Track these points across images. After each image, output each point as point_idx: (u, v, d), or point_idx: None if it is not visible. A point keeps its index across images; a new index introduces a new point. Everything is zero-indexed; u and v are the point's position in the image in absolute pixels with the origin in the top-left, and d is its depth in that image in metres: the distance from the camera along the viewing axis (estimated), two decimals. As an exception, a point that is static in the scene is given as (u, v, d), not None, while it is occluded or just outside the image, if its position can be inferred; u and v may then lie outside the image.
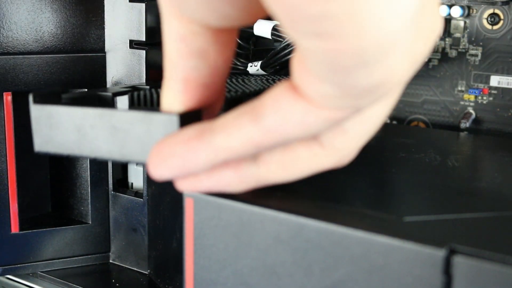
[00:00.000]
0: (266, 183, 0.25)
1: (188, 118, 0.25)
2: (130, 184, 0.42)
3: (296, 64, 0.21)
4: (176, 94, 0.24)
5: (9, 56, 0.37)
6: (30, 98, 0.28)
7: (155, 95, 0.33)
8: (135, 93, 0.33)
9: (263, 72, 0.39)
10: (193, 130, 0.23)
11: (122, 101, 0.34)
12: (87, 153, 0.28)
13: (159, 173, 0.23)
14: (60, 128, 0.28)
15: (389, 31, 0.18)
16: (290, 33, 0.19)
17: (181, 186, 0.25)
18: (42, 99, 0.28)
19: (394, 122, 0.50)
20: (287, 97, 0.21)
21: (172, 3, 0.22)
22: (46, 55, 0.38)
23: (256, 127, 0.21)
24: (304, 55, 0.20)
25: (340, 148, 0.25)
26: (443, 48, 0.47)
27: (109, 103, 0.33)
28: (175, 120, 0.25)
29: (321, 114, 0.21)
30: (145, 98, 0.33)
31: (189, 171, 0.23)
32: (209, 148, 0.22)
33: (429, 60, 0.47)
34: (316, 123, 0.21)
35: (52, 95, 0.29)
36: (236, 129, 0.22)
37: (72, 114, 0.27)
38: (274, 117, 0.21)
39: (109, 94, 0.33)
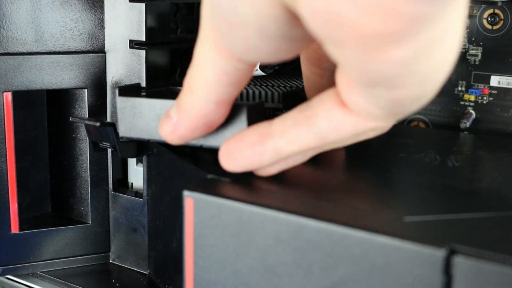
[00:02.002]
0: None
1: (254, 108, 0.30)
2: (130, 184, 0.42)
3: (348, 91, 0.24)
4: (206, 112, 0.27)
5: (9, 56, 0.37)
6: (116, 91, 0.33)
7: None
8: None
9: (261, 73, 0.39)
10: (254, 134, 0.27)
11: None
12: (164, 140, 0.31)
13: (230, 169, 0.28)
14: (142, 117, 0.33)
15: (446, 75, 0.23)
16: (351, 79, 0.22)
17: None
18: (126, 92, 0.33)
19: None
20: (338, 110, 0.25)
21: (218, 43, 0.24)
22: (46, 55, 0.38)
23: (313, 135, 0.26)
24: (361, 93, 0.23)
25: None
26: (443, 48, 0.47)
27: None
28: (244, 110, 0.29)
29: (368, 125, 0.25)
30: None
31: (254, 168, 0.28)
32: (273, 152, 0.26)
33: (429, 60, 0.47)
34: (364, 132, 0.25)
35: (134, 89, 0.35)
36: (295, 137, 0.26)
37: (153, 105, 0.32)
38: (328, 128, 0.25)
39: (181, 88, 0.35)
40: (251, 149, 0.27)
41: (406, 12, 0.19)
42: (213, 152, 0.35)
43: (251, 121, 0.30)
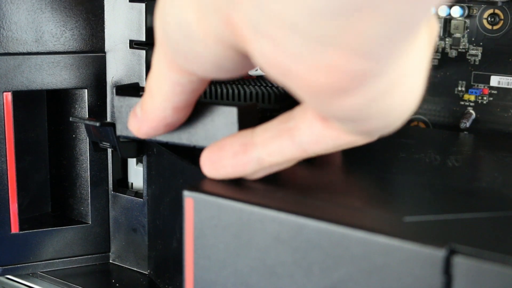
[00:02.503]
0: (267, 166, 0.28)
1: (246, 110, 0.30)
2: (130, 184, 0.42)
3: (320, 117, 0.25)
4: (164, 116, 0.29)
5: (9, 56, 0.37)
6: (114, 90, 0.34)
7: (219, 90, 0.37)
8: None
9: (262, 73, 0.39)
10: (237, 143, 0.27)
11: None
12: (159, 138, 0.32)
13: (212, 177, 0.28)
14: None
15: (412, 108, 0.24)
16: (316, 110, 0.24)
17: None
18: (124, 92, 0.34)
19: (394, 122, 0.50)
20: (319, 124, 0.25)
21: (172, 60, 0.25)
22: (46, 55, 0.38)
23: (295, 147, 0.26)
24: (330, 120, 0.25)
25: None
26: (443, 48, 0.47)
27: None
28: (235, 111, 0.30)
29: (349, 139, 0.26)
30: (210, 92, 0.37)
31: (237, 177, 0.28)
32: (255, 162, 0.27)
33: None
34: (346, 144, 0.26)
35: (132, 89, 0.36)
36: (278, 148, 0.26)
37: None
38: (310, 140, 0.26)
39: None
40: (233, 159, 0.27)
41: (350, 69, 0.20)
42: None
43: (242, 123, 0.30)
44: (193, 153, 0.34)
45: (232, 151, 0.27)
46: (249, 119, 0.31)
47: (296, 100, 0.29)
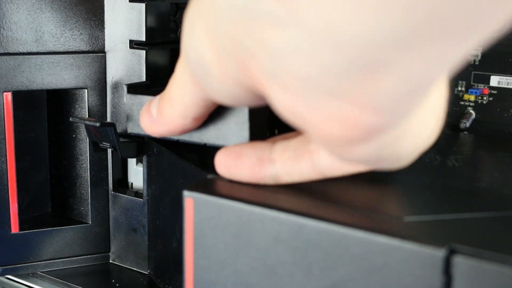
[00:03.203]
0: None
1: (256, 110, 0.31)
2: (130, 184, 0.42)
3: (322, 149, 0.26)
4: (183, 124, 0.30)
5: (9, 56, 0.37)
6: (125, 88, 0.35)
7: None
8: None
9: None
10: (255, 157, 0.28)
11: None
12: (170, 136, 0.32)
13: (226, 178, 0.28)
14: None
15: (423, 148, 0.25)
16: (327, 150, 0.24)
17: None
18: (135, 90, 0.35)
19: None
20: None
21: (197, 81, 0.26)
22: (46, 55, 0.38)
23: (314, 171, 0.27)
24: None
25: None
26: (443, 48, 0.47)
27: None
28: (246, 110, 0.30)
29: (366, 167, 0.27)
30: None
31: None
32: (271, 178, 0.27)
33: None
34: (363, 170, 0.27)
35: (143, 87, 0.37)
36: (297, 170, 0.27)
37: None
38: (329, 166, 0.27)
39: None
40: (250, 172, 0.28)
41: (363, 123, 0.20)
42: (216, 150, 0.35)
43: (253, 122, 0.31)
44: (193, 153, 0.35)
45: (250, 163, 0.28)
46: (259, 118, 0.32)
47: None
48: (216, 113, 0.31)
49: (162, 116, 0.30)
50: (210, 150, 0.35)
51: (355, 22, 0.17)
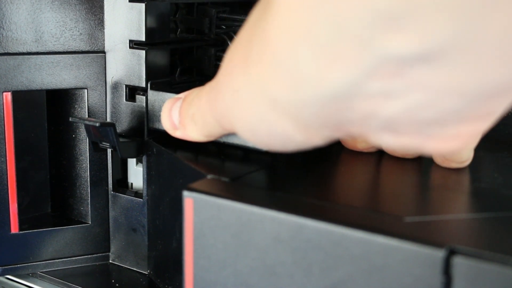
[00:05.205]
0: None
1: None
2: (130, 184, 0.42)
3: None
4: (203, 139, 0.32)
5: (9, 56, 0.37)
6: (148, 85, 0.37)
7: None
8: None
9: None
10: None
11: None
12: None
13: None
14: None
15: None
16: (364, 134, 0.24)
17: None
18: (157, 87, 0.37)
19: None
20: None
21: (228, 129, 0.28)
22: (46, 55, 0.38)
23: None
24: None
25: None
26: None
27: None
28: None
29: None
30: None
31: None
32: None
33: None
34: None
35: (166, 84, 0.38)
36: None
37: None
38: None
39: None
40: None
41: (477, 131, 0.23)
42: (222, 149, 0.35)
43: None
44: (193, 153, 0.35)
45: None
46: None
47: None
48: None
49: (185, 130, 0.32)
50: (211, 150, 0.35)
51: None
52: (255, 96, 0.24)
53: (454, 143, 0.22)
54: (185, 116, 0.31)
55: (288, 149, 0.26)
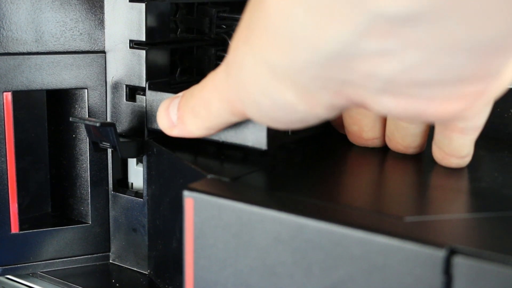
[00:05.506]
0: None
1: None
2: (130, 184, 0.42)
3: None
4: (203, 134, 0.31)
5: (9, 56, 0.37)
6: (146, 85, 0.37)
7: None
8: None
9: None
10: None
11: None
12: None
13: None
14: None
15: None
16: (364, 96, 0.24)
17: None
18: (156, 87, 0.37)
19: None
20: None
21: (240, 112, 0.28)
22: (46, 55, 0.38)
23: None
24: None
25: None
26: (443, 48, 0.47)
27: None
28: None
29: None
30: None
31: None
32: None
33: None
34: None
35: (164, 84, 0.38)
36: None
37: None
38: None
39: None
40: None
41: (480, 91, 0.22)
42: (222, 149, 0.35)
43: None
44: (193, 153, 0.35)
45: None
46: None
47: None
48: None
49: (184, 125, 0.31)
50: (211, 150, 0.35)
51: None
52: (256, 67, 0.24)
53: (456, 105, 0.22)
54: (185, 110, 0.31)
55: (294, 123, 0.26)
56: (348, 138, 0.36)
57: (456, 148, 0.31)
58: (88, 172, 0.40)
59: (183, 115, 0.31)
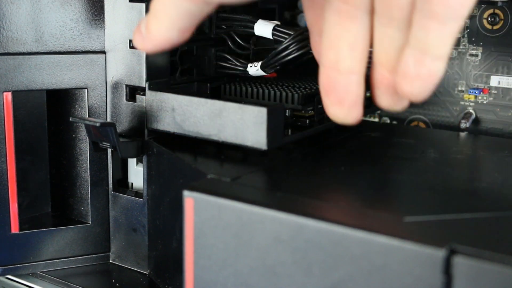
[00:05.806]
0: None
1: (274, 110, 0.32)
2: (130, 184, 0.42)
3: None
4: (169, 36, 0.30)
5: (9, 56, 0.37)
6: (146, 85, 0.37)
7: (243, 88, 0.39)
8: (227, 86, 0.40)
9: (262, 73, 0.39)
10: None
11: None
12: (189, 132, 0.34)
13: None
14: (168, 111, 0.35)
15: None
16: None
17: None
18: (156, 87, 0.37)
19: (394, 122, 0.50)
20: None
21: None
22: (46, 55, 0.38)
23: None
24: None
25: None
26: (443, 48, 0.47)
27: (207, 93, 0.40)
28: (265, 111, 0.31)
29: None
30: (235, 90, 0.39)
31: None
32: None
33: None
34: None
35: (164, 84, 0.38)
36: None
37: (179, 100, 0.35)
38: None
39: (207, 84, 0.41)
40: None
41: None
42: (222, 149, 0.35)
43: (271, 122, 0.31)
44: (193, 153, 0.35)
45: None
46: (277, 119, 0.32)
47: (318, 101, 0.29)
48: (235, 113, 0.32)
49: (149, 32, 0.30)
50: (211, 150, 0.35)
51: None
52: None
53: None
54: (149, 18, 0.30)
55: None
56: (321, 82, 0.30)
57: (433, 42, 0.27)
58: (88, 172, 0.40)
59: (148, 24, 0.30)
